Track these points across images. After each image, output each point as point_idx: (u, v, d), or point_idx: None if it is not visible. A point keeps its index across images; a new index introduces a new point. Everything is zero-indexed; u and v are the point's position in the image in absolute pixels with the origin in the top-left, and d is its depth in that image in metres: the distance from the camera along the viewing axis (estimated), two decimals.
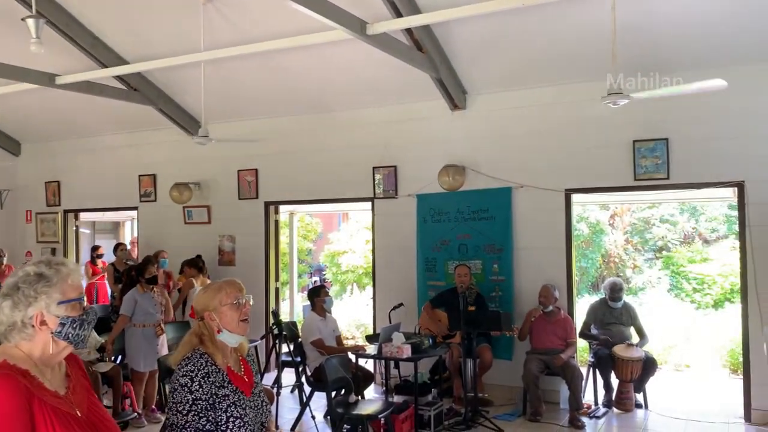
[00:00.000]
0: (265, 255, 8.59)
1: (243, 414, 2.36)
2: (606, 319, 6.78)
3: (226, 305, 2.43)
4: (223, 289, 2.47)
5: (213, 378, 2.35)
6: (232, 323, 2.43)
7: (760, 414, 5.98)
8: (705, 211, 13.75)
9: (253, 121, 8.56)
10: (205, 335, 2.43)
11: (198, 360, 2.37)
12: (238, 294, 2.47)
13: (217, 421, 2.31)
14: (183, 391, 2.31)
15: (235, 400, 2.36)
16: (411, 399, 5.84)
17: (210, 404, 2.31)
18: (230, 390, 2.37)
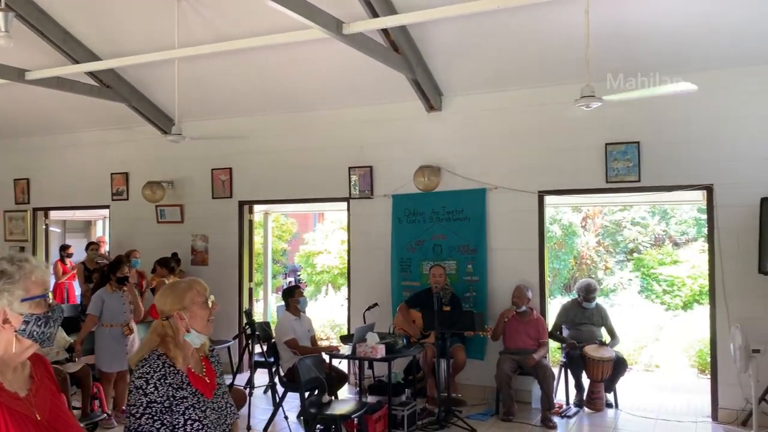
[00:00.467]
0: (239, 255, 8.53)
1: (202, 417, 2.28)
2: (578, 319, 6.86)
3: (196, 304, 2.38)
4: (194, 287, 2.42)
5: (170, 380, 2.28)
6: (201, 323, 2.38)
7: (727, 413, 6.09)
8: (675, 215, 13.99)
9: (228, 120, 8.49)
10: (168, 335, 2.35)
11: (155, 361, 2.29)
12: (206, 293, 2.43)
13: (174, 424, 2.24)
14: (138, 394, 2.23)
15: (194, 403, 2.29)
16: (384, 399, 5.84)
17: (166, 407, 2.23)
18: (189, 392, 2.30)
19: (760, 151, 6.03)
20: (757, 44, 5.86)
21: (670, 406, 6.76)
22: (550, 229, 11.96)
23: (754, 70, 6.04)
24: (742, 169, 6.08)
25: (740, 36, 5.81)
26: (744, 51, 5.95)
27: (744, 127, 6.10)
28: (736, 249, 6.11)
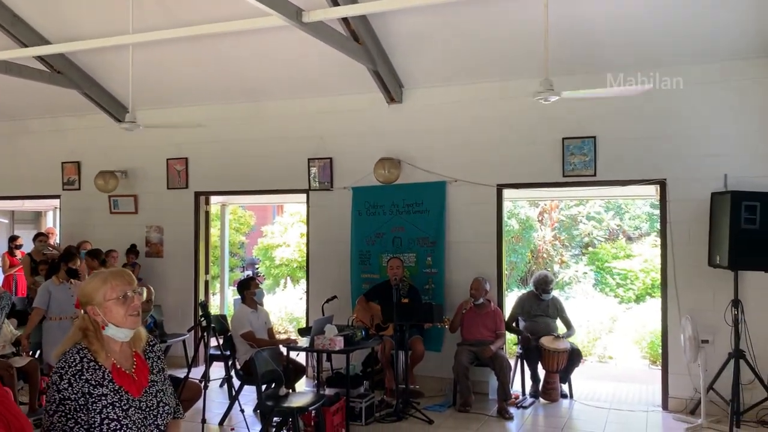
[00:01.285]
0: (195, 247, 8.37)
1: (122, 416, 2.15)
2: (533, 311, 6.95)
3: (110, 300, 2.22)
4: (108, 281, 2.25)
5: (88, 375, 2.14)
6: (118, 318, 2.23)
7: (676, 402, 6.26)
8: (629, 210, 14.31)
9: (184, 109, 8.31)
10: (89, 329, 2.22)
11: (73, 356, 2.16)
12: (126, 287, 2.25)
13: (90, 423, 2.11)
14: (52, 390, 2.12)
15: (114, 401, 2.15)
16: (342, 391, 5.81)
17: (81, 405, 2.11)
18: (110, 389, 2.16)
19: (711, 148, 6.19)
20: (710, 42, 6.01)
21: (623, 395, 6.91)
22: (508, 223, 12.09)
23: (707, 67, 6.19)
24: (694, 165, 6.23)
25: (693, 33, 5.94)
26: (697, 48, 6.09)
27: (696, 123, 6.25)
28: (687, 242, 6.26)
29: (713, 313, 6.05)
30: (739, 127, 6.11)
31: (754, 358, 5.82)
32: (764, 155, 6.03)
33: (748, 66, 6.07)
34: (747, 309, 5.85)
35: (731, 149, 6.12)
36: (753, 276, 5.88)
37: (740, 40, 5.94)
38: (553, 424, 6.03)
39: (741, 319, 5.77)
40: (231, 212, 14.07)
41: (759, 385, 5.77)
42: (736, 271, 5.76)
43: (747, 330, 5.84)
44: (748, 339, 5.85)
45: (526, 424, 6.05)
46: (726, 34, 5.91)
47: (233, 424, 5.89)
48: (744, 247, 5.55)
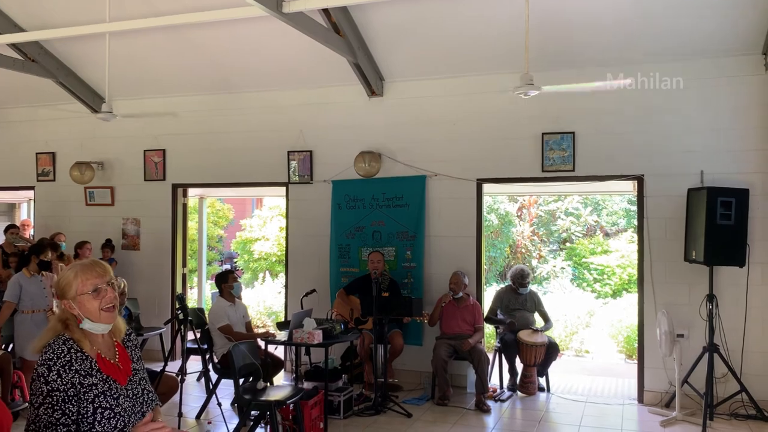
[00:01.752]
0: (172, 240, 8.28)
1: (114, 404, 2.15)
2: (512, 305, 6.98)
3: (83, 295, 2.19)
4: (79, 275, 2.20)
5: (77, 366, 2.12)
6: (93, 313, 2.20)
7: (652, 395, 6.33)
8: (606, 206, 14.46)
9: (162, 99, 8.20)
10: (69, 320, 2.20)
11: (60, 347, 2.13)
12: (97, 280, 2.21)
13: (82, 413, 2.09)
14: (39, 382, 2.08)
15: (104, 390, 2.15)
16: (321, 385, 5.79)
17: (70, 396, 2.08)
18: (99, 379, 2.15)
19: (687, 144, 6.26)
20: (688, 39, 6.07)
21: (599, 389, 6.98)
22: (487, 218, 12.15)
23: (685, 64, 6.25)
24: (671, 161, 6.29)
25: (672, 31, 6.00)
26: (675, 45, 6.15)
27: (673, 120, 6.31)
28: (663, 238, 6.33)
29: (688, 308, 6.14)
30: (715, 124, 6.18)
31: (727, 352, 5.92)
32: (740, 152, 6.11)
33: (725, 64, 6.14)
34: (721, 304, 5.94)
35: (708, 146, 6.19)
36: (727, 271, 5.96)
37: (718, 38, 6.00)
38: (531, 417, 6.07)
39: (715, 313, 5.86)
40: (209, 205, 13.97)
41: (732, 378, 5.86)
42: (712, 266, 5.83)
43: (721, 324, 5.93)
44: (722, 333, 5.94)
45: (503, 417, 6.09)
46: (704, 32, 5.97)
47: (210, 418, 5.84)
48: (719, 242, 5.62)
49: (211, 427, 5.58)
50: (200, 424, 5.78)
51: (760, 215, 5.95)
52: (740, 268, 5.82)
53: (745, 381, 5.85)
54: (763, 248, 5.99)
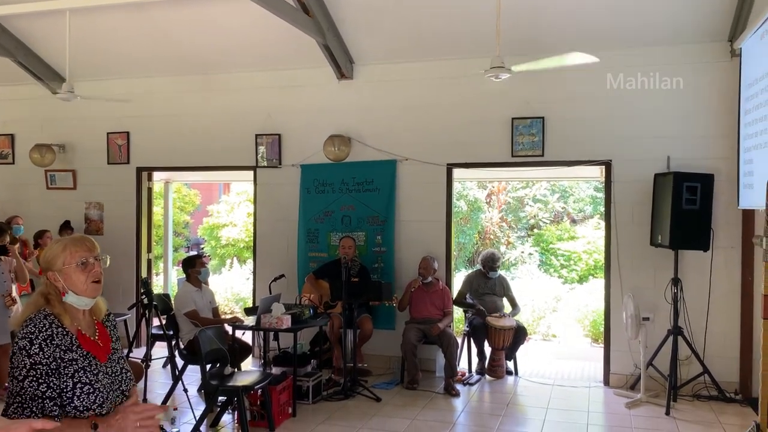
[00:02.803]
0: (137, 225, 8.11)
1: (94, 380, 2.14)
2: (481, 289, 7.01)
3: (69, 266, 2.19)
4: (68, 248, 2.21)
5: (58, 341, 2.12)
6: (79, 285, 2.20)
7: (617, 377, 6.43)
8: (573, 193, 14.62)
9: (126, 81, 7.99)
10: (51, 295, 2.19)
11: (41, 321, 2.12)
12: (86, 254, 2.22)
13: (62, 387, 2.08)
14: (21, 355, 2.07)
15: (84, 366, 2.14)
16: (289, 370, 5.74)
17: (53, 369, 2.07)
18: (79, 354, 2.15)
19: (654, 130, 6.32)
20: (656, 26, 6.11)
21: (566, 372, 7.06)
22: (457, 205, 12.18)
23: (653, 50, 6.30)
24: (639, 146, 6.35)
25: (641, 17, 6.03)
26: (644, 32, 6.19)
27: (640, 106, 6.36)
28: (630, 222, 6.40)
29: (654, 292, 6.23)
30: (682, 110, 6.25)
31: (691, 335, 6.03)
32: (705, 138, 6.19)
33: (692, 50, 6.20)
34: (686, 287, 6.04)
35: (675, 132, 6.26)
36: (692, 255, 6.06)
37: (685, 25, 6.06)
38: (499, 400, 6.11)
39: (680, 297, 5.96)
40: (175, 190, 13.71)
41: (695, 360, 5.98)
42: (677, 250, 5.92)
43: (685, 308, 6.04)
44: (686, 316, 6.05)
45: (472, 400, 6.12)
46: (672, 19, 6.02)
47: (176, 405, 5.74)
48: (684, 227, 5.71)
49: (177, 413, 5.49)
50: (166, 410, 5.67)
51: (724, 200, 6.04)
52: (704, 252, 5.91)
53: (707, 363, 5.97)
54: (726, 233, 6.10)
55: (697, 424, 5.35)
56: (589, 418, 5.57)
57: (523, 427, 5.43)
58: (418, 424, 5.33)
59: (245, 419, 4.90)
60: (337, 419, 5.44)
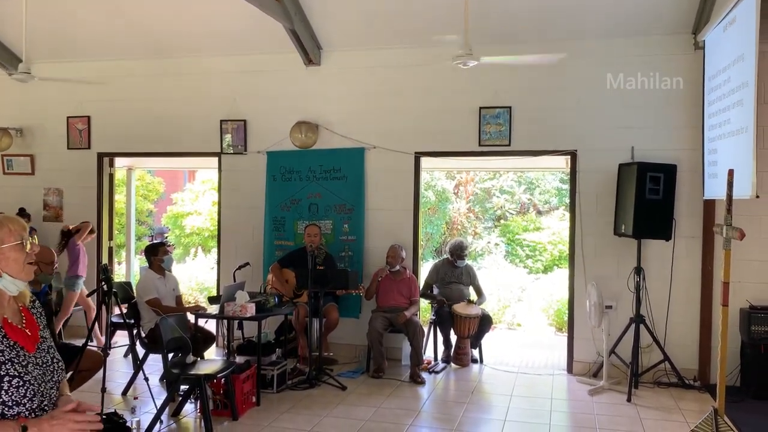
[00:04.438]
0: (98, 211, 7.91)
1: (23, 372, 1.98)
2: (448, 278, 7.02)
3: (8, 245, 2.02)
4: (5, 225, 2.04)
5: None
6: (16, 266, 2.04)
7: (581, 365, 6.51)
8: (539, 185, 14.76)
9: (87, 63, 7.77)
10: None
11: None
12: (23, 233, 2.07)
13: None
14: None
15: (11, 357, 1.98)
16: (254, 359, 5.67)
17: None
18: (6, 345, 1.98)
19: (619, 120, 6.38)
20: (623, 17, 6.16)
21: (530, 360, 7.13)
22: (425, 195, 12.19)
23: (619, 41, 6.36)
24: (604, 137, 6.41)
25: (608, 9, 6.08)
26: (610, 23, 6.24)
27: (605, 96, 6.41)
28: (594, 212, 6.47)
29: (617, 280, 6.31)
30: (646, 101, 6.32)
31: (652, 323, 6.13)
32: (669, 129, 6.28)
33: (657, 42, 6.27)
34: (648, 276, 6.13)
35: (639, 122, 6.33)
36: (654, 244, 6.15)
37: (651, 17, 6.12)
38: (464, 387, 6.14)
39: (642, 285, 6.05)
40: (138, 178, 13.45)
41: (656, 348, 6.08)
42: (640, 239, 6.00)
43: (647, 296, 6.14)
44: (648, 305, 6.15)
45: (437, 388, 6.13)
46: (638, 11, 6.07)
47: (137, 394, 5.63)
48: (647, 216, 5.79)
49: (138, 402, 5.38)
50: (126, 400, 5.57)
51: (686, 191, 6.14)
52: (666, 242, 6.01)
53: (668, 350, 6.08)
54: (688, 223, 6.21)
55: (657, 410, 5.44)
56: (552, 405, 5.63)
57: (487, 415, 5.45)
58: (383, 412, 5.32)
59: (207, 408, 4.82)
60: (301, 408, 5.39)
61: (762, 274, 6.01)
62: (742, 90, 4.73)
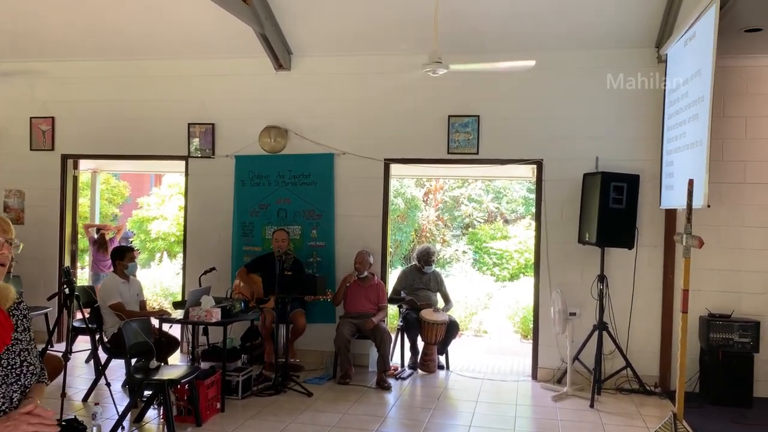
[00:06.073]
0: (61, 214, 7.75)
1: None
2: (415, 284, 7.05)
3: None
4: None
5: None
6: None
7: (545, 371, 6.59)
8: (507, 194, 14.94)
9: (51, 63, 7.63)
10: None
11: None
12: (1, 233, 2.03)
13: None
14: None
15: None
16: (219, 365, 5.61)
17: None
18: None
19: (584, 130, 6.50)
20: (587, 31, 6.29)
21: (496, 367, 7.19)
22: (394, 202, 12.23)
23: (583, 54, 6.49)
24: (569, 146, 6.52)
25: (575, 21, 6.20)
26: (576, 36, 6.37)
27: (571, 106, 6.54)
28: (560, 221, 6.57)
29: (581, 288, 6.41)
30: (610, 112, 6.46)
31: (615, 330, 6.24)
32: (632, 140, 6.42)
33: (621, 55, 6.41)
34: (611, 284, 6.24)
35: (603, 133, 6.46)
36: (618, 253, 6.26)
37: (616, 31, 6.26)
38: (430, 394, 6.16)
39: (605, 293, 6.15)
40: (103, 181, 13.26)
41: (619, 354, 6.19)
42: (603, 248, 6.11)
43: (610, 303, 6.25)
44: (611, 312, 6.26)
45: (404, 394, 6.14)
46: (604, 25, 6.20)
47: (98, 400, 5.52)
48: (611, 225, 5.90)
49: (99, 408, 5.25)
50: (87, 406, 5.46)
51: (648, 200, 6.27)
52: (629, 250, 6.13)
53: (630, 357, 6.19)
54: (650, 232, 6.34)
55: (619, 416, 5.53)
56: (517, 411, 5.68)
57: (453, 420, 5.48)
58: (349, 419, 5.31)
59: (171, 414, 4.75)
60: (266, 414, 5.35)
61: (720, 282, 6.18)
62: (699, 104, 4.87)
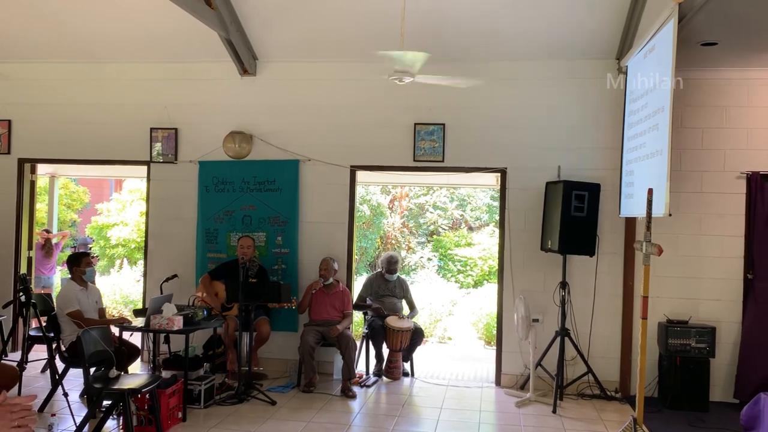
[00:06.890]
0: (17, 220, 7.54)
1: None
2: (381, 291, 7.06)
3: None
4: None
5: None
6: None
7: (508, 377, 6.65)
8: (471, 201, 15.07)
9: (9, 65, 7.44)
10: None
11: None
12: None
13: None
14: None
15: None
16: (180, 374, 5.51)
17: None
18: None
19: (547, 140, 6.61)
20: (549, 42, 6.40)
21: (460, 373, 7.23)
22: (360, 209, 12.23)
23: (546, 64, 6.61)
24: (532, 155, 6.62)
25: (537, 32, 6.30)
26: (539, 46, 6.47)
27: (535, 116, 6.65)
28: (523, 228, 6.65)
29: (544, 294, 6.49)
30: (572, 123, 6.58)
31: (577, 336, 6.33)
32: (594, 149, 6.55)
33: (583, 66, 6.55)
34: (573, 290, 6.34)
35: (565, 142, 6.57)
36: (579, 260, 6.36)
37: (580, 41, 6.38)
38: (395, 401, 6.16)
39: (567, 300, 6.24)
40: (61, 186, 12.96)
41: (580, 360, 6.28)
42: (565, 255, 6.20)
43: (572, 310, 6.35)
44: (573, 318, 6.35)
45: (368, 402, 6.12)
46: (568, 35, 6.31)
47: (55, 411, 5.37)
48: (573, 233, 5.99)
49: (55, 419, 5.13)
50: (43, 417, 5.30)
51: (609, 209, 6.40)
52: (590, 258, 6.23)
53: (591, 363, 6.29)
54: (610, 239, 6.46)
55: (581, 421, 5.61)
56: (480, 417, 5.72)
57: (417, 427, 5.48)
58: (313, 427, 5.27)
59: (131, 424, 4.64)
60: (229, 423, 5.28)
61: (679, 289, 6.33)
62: (659, 115, 4.99)
